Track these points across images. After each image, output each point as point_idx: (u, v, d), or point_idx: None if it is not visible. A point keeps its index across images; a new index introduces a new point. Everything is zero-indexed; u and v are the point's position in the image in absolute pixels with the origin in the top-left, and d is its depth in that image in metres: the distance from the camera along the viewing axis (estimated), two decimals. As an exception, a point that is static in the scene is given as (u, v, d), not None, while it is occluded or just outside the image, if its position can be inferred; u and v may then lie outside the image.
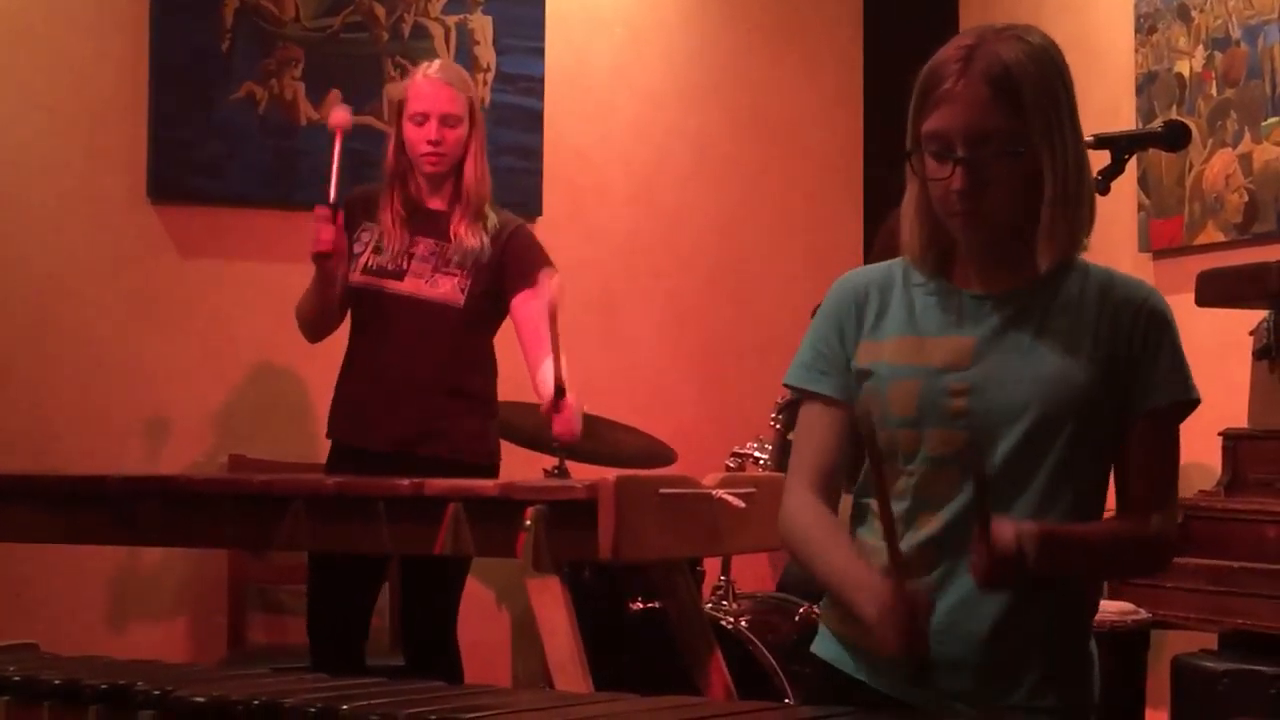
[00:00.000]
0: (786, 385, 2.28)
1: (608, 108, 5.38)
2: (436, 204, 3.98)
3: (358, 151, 4.75)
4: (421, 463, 3.82)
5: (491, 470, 3.97)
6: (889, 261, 2.26)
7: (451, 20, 5.12)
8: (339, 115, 4.03)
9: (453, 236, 3.93)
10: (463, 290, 3.91)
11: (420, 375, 3.93)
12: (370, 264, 3.96)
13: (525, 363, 3.94)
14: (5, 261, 4.70)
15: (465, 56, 5.10)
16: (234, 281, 4.84)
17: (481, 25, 5.15)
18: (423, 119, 3.89)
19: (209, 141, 4.85)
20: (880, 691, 2.17)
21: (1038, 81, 2.09)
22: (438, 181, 3.96)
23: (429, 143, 3.88)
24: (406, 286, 3.92)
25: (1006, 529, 1.99)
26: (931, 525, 2.13)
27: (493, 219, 3.99)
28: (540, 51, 5.24)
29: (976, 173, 2.08)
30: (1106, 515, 2.18)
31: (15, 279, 4.71)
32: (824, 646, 2.27)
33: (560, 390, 3.68)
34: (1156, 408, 2.13)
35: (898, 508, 2.10)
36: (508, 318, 4.02)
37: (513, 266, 3.94)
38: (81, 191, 4.78)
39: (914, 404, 2.13)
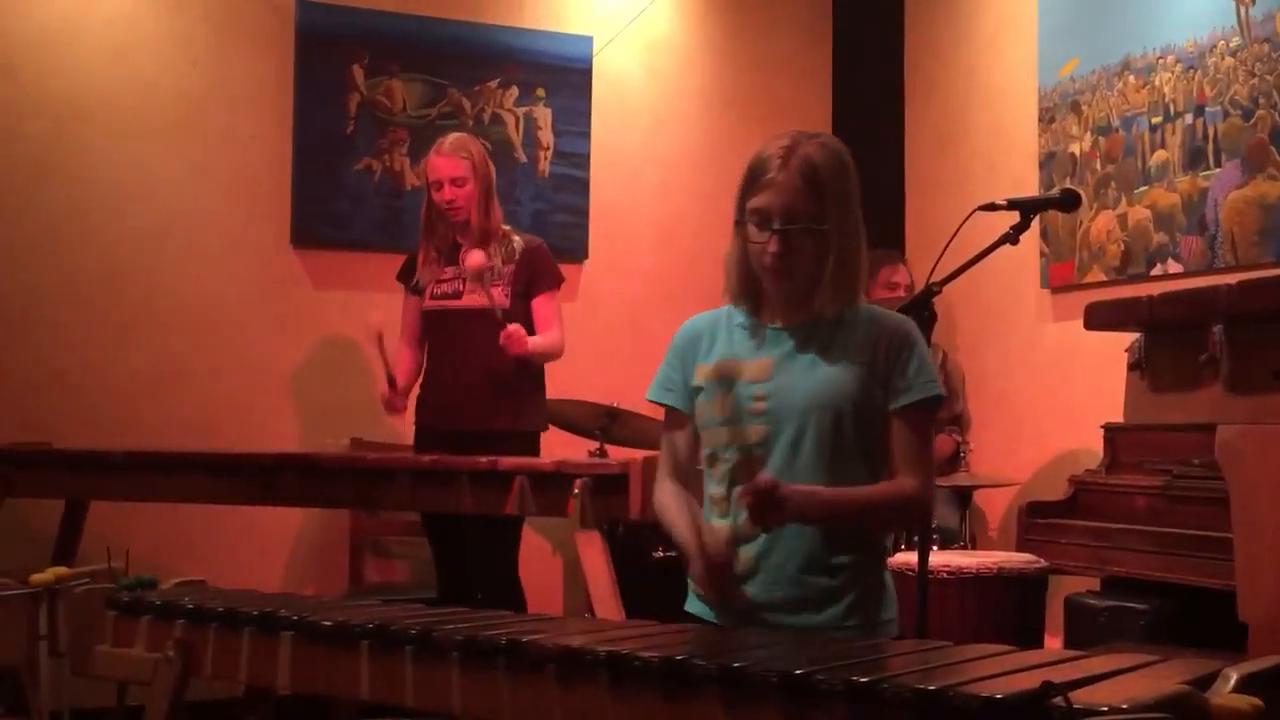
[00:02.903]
0: (648, 399, 2.33)
1: (637, 177, 5.37)
2: (467, 242, 4.02)
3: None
4: (492, 435, 3.85)
5: (535, 437, 4.01)
6: (722, 308, 2.31)
7: (520, 111, 5.11)
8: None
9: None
10: (507, 295, 3.96)
11: (486, 364, 3.94)
12: (435, 292, 4.02)
13: None
14: (183, 291, 4.71)
15: (531, 138, 5.10)
16: (355, 307, 4.82)
17: (543, 115, 5.15)
18: (438, 185, 3.97)
19: (337, 201, 4.85)
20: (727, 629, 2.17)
21: (836, 178, 2.15)
22: (463, 226, 4.00)
23: (445, 200, 3.96)
24: (465, 302, 3.97)
25: (765, 475, 2.05)
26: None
27: (517, 241, 4.05)
28: (586, 135, 5.23)
29: (787, 241, 2.14)
30: None
31: (191, 304, 4.72)
32: (691, 603, 2.29)
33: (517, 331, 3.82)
34: (907, 404, 2.15)
35: (720, 489, 2.18)
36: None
37: (535, 277, 4.02)
38: (241, 239, 4.79)
39: (730, 408, 2.18)
